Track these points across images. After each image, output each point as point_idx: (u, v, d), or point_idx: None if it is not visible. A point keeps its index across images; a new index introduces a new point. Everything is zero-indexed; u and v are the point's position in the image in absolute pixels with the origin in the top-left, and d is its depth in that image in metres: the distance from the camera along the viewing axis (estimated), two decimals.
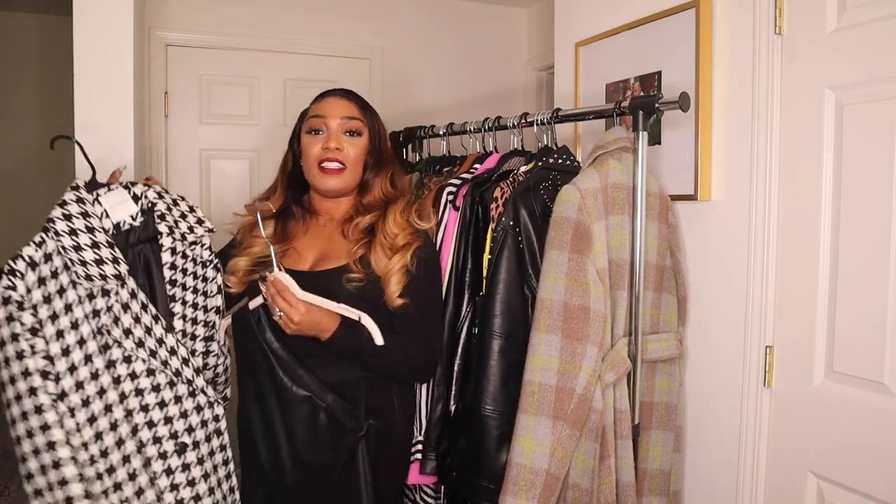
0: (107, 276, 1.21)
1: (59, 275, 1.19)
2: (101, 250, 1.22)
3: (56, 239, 1.19)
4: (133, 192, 1.33)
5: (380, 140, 1.51)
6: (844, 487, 1.37)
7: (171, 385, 1.29)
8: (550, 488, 1.33)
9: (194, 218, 1.39)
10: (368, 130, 1.49)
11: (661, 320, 1.58)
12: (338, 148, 1.45)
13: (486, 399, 1.44)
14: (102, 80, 1.70)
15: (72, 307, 1.20)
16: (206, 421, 1.33)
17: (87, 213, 1.24)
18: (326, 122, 1.47)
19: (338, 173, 1.45)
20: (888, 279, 1.28)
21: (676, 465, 1.61)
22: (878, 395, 1.30)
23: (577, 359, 1.33)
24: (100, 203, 1.29)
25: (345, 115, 1.47)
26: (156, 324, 1.28)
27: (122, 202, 1.31)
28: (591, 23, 2.01)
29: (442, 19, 3.38)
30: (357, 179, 1.49)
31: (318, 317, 1.32)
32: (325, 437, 1.38)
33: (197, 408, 1.32)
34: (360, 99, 1.53)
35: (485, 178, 1.66)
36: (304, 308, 1.30)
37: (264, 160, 3.16)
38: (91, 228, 1.23)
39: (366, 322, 1.34)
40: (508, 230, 1.47)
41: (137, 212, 1.33)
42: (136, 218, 1.32)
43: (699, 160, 1.60)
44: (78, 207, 1.24)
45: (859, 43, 1.32)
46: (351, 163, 1.46)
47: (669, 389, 1.58)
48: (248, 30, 3.04)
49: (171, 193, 1.39)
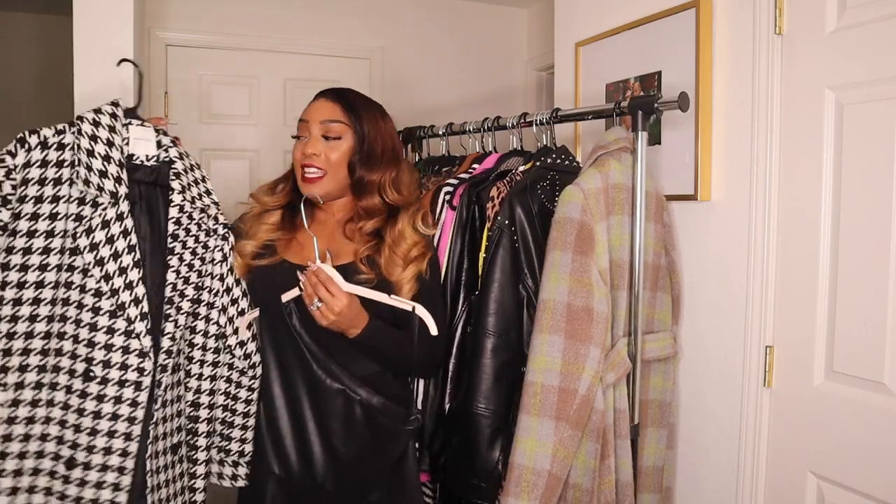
0: (104, 188, 1.23)
1: (63, 166, 1.23)
2: (110, 166, 1.25)
3: (76, 135, 1.23)
4: (160, 138, 1.37)
5: (368, 141, 1.44)
6: (844, 487, 1.37)
7: (110, 315, 1.24)
8: (552, 489, 1.33)
9: (204, 188, 1.40)
10: (353, 132, 1.43)
11: (656, 319, 1.58)
12: (314, 153, 1.42)
13: (478, 397, 1.44)
14: (102, 80, 1.70)
15: (60, 199, 1.23)
16: (127, 365, 1.25)
17: (113, 129, 1.28)
18: (308, 127, 1.45)
19: (317, 181, 1.43)
20: (888, 279, 1.28)
21: (669, 461, 1.61)
22: (878, 395, 1.30)
23: (580, 360, 1.33)
24: (128, 130, 1.33)
25: (324, 119, 1.43)
26: (127, 254, 1.25)
27: (145, 140, 1.35)
28: (591, 23, 2.01)
29: (442, 19, 3.39)
30: (341, 183, 1.45)
31: (357, 310, 1.32)
32: (363, 433, 1.40)
33: (124, 349, 1.25)
34: (348, 99, 1.46)
35: (482, 178, 1.66)
36: (346, 300, 1.29)
37: (264, 160, 3.17)
38: (111, 143, 1.26)
39: (420, 312, 1.34)
40: (504, 229, 1.47)
41: (154, 156, 1.35)
42: (149, 159, 1.35)
43: (699, 160, 1.60)
44: (109, 120, 1.28)
45: (859, 43, 1.32)
46: (331, 167, 1.42)
47: (663, 388, 1.58)
48: (248, 30, 3.04)
49: (190, 157, 1.41)
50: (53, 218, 1.22)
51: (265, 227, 1.47)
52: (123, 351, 1.24)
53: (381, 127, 1.47)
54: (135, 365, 1.25)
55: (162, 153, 1.36)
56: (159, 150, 1.36)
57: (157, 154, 1.36)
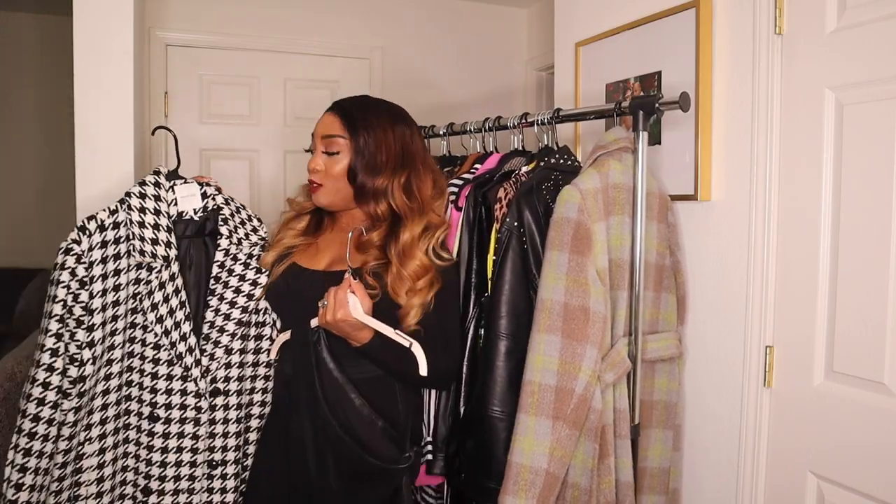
0: (156, 255, 1.38)
1: (121, 242, 1.37)
2: (160, 232, 1.39)
3: (127, 211, 1.37)
4: (204, 190, 1.50)
5: (368, 152, 1.43)
6: (844, 487, 1.37)
7: (169, 363, 1.41)
8: (550, 488, 1.33)
9: (250, 226, 1.53)
10: (351, 146, 1.43)
11: (661, 319, 1.58)
12: (315, 168, 1.46)
13: (493, 400, 1.43)
14: (102, 80, 1.70)
15: (121, 272, 1.37)
16: (185, 406, 1.42)
17: (159, 197, 1.42)
18: (314, 142, 1.49)
19: (319, 191, 1.47)
20: (888, 279, 1.28)
21: (675, 463, 1.61)
22: (878, 395, 1.30)
23: (576, 359, 1.33)
24: (173, 191, 1.46)
25: (325, 134, 1.45)
26: (180, 309, 1.40)
27: (191, 196, 1.48)
28: (591, 23, 2.01)
29: (442, 19, 3.39)
30: (342, 193, 1.46)
31: (356, 325, 1.32)
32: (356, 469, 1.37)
33: (182, 391, 1.42)
34: (349, 112, 1.46)
35: (487, 179, 1.66)
36: (340, 315, 1.30)
37: (264, 160, 3.17)
38: (158, 211, 1.40)
39: (415, 350, 1.34)
40: (513, 231, 1.47)
41: (201, 208, 1.49)
42: (197, 212, 1.48)
43: (699, 160, 1.60)
44: (154, 190, 1.42)
45: (859, 43, 1.32)
46: (329, 180, 1.45)
47: (669, 388, 1.58)
48: (248, 30, 3.04)
49: (235, 201, 1.54)
50: (118, 290, 1.36)
51: (291, 233, 1.53)
52: (181, 393, 1.42)
53: (386, 134, 1.45)
54: (192, 405, 1.43)
55: (209, 202, 1.49)
56: (205, 200, 1.49)
57: (203, 205, 1.49)
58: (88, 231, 1.33)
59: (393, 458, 1.39)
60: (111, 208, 1.37)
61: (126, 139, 1.73)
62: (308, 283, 1.43)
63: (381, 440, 1.39)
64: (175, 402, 1.42)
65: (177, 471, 1.43)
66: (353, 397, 1.37)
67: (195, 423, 1.43)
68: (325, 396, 1.36)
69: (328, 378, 1.37)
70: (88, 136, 1.68)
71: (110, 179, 1.69)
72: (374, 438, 1.38)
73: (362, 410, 1.37)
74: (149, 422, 1.41)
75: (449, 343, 1.47)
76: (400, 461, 1.40)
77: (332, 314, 1.31)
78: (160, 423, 1.41)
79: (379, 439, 1.38)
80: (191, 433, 1.43)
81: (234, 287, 1.46)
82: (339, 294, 1.31)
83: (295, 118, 3.16)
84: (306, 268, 1.47)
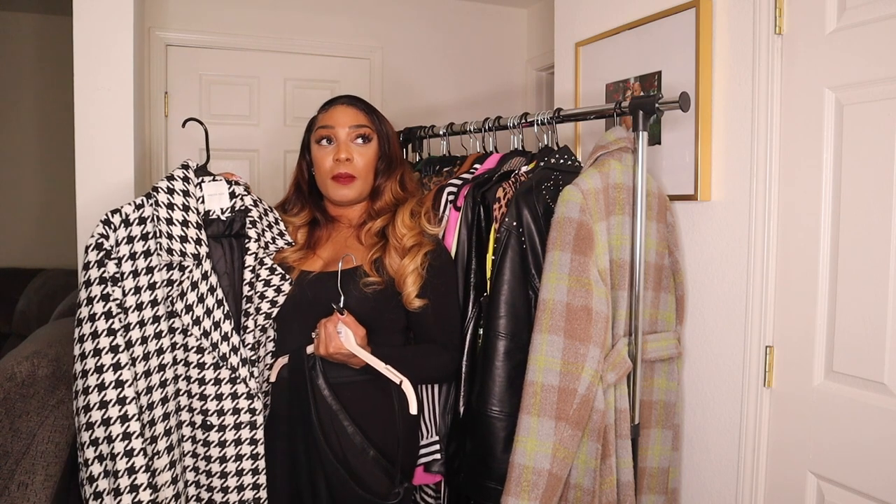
0: (186, 253, 1.28)
1: (149, 239, 1.28)
2: (189, 229, 1.30)
3: (154, 207, 1.29)
4: (232, 189, 1.42)
5: (389, 144, 1.52)
6: (844, 487, 1.37)
7: (215, 367, 1.33)
8: (552, 488, 1.33)
9: (277, 230, 1.46)
10: (377, 136, 1.51)
11: (660, 319, 1.58)
12: (348, 159, 1.46)
13: (492, 400, 1.43)
14: (102, 80, 1.70)
15: (153, 270, 1.28)
16: (239, 409, 1.34)
17: (188, 192, 1.33)
18: (335, 132, 1.48)
19: (349, 182, 1.47)
20: (888, 279, 1.28)
21: (675, 462, 1.61)
22: (878, 395, 1.30)
23: (579, 360, 1.33)
24: (201, 188, 1.38)
25: (353, 124, 1.48)
26: (217, 308, 1.32)
27: (219, 194, 1.40)
28: (591, 23, 2.01)
29: (442, 19, 3.38)
30: (369, 187, 1.51)
31: (349, 355, 1.35)
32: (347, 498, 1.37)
33: (233, 395, 1.34)
34: (367, 105, 1.54)
35: (486, 179, 1.66)
36: (333, 349, 1.33)
37: (264, 160, 3.16)
38: (187, 207, 1.32)
39: (405, 388, 1.36)
40: (512, 231, 1.47)
41: (228, 207, 1.41)
42: (224, 212, 1.41)
43: (699, 160, 1.60)
44: (182, 185, 1.33)
45: (859, 43, 1.32)
46: (362, 172, 1.48)
47: (668, 388, 1.58)
48: (248, 30, 3.04)
49: (263, 202, 1.47)
50: (153, 288, 1.28)
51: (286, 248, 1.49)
52: (232, 397, 1.34)
53: (392, 130, 1.56)
54: (245, 407, 1.34)
55: (237, 202, 1.42)
56: (234, 200, 1.42)
57: (230, 205, 1.41)
58: (113, 225, 1.25)
59: (382, 493, 1.38)
60: (136, 202, 1.29)
61: (126, 138, 1.73)
62: (322, 286, 1.42)
63: (372, 471, 1.38)
64: (227, 406, 1.33)
65: (239, 480, 1.35)
66: (346, 425, 1.38)
67: (251, 427, 1.34)
68: (319, 423, 1.37)
69: (323, 406, 1.38)
70: (88, 135, 1.69)
71: (110, 178, 1.69)
72: (365, 469, 1.38)
73: (354, 439, 1.38)
74: (203, 431, 1.33)
75: (450, 336, 1.49)
76: (389, 497, 1.39)
77: (324, 348, 1.34)
78: (214, 432, 1.33)
79: (370, 470, 1.38)
80: (248, 438, 1.35)
81: (259, 293, 1.40)
82: (329, 328, 1.33)
83: (295, 118, 3.15)
84: (306, 271, 1.46)
